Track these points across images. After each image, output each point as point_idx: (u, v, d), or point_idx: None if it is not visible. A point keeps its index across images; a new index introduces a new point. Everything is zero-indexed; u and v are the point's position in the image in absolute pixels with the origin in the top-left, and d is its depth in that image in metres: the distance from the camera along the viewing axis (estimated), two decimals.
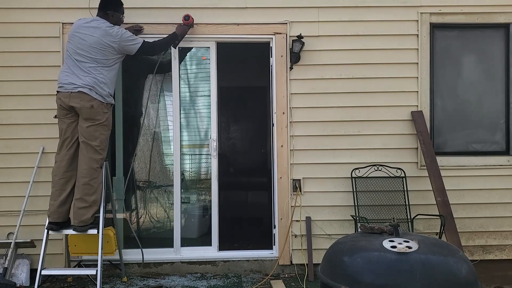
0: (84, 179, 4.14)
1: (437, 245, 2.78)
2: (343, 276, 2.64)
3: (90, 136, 4.16)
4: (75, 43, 4.24)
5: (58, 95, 4.22)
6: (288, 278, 4.86)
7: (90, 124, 4.15)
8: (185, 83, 5.33)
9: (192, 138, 5.52)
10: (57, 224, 4.21)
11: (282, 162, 4.99)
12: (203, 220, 5.46)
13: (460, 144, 5.18)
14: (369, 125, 5.02)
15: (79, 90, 4.13)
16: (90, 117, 4.15)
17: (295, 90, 5.00)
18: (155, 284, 4.66)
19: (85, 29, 4.27)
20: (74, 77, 4.17)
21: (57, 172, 4.22)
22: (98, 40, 4.21)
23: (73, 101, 4.12)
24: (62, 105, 4.18)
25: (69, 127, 4.21)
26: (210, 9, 4.95)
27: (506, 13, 5.09)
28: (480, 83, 5.21)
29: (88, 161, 4.16)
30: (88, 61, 4.20)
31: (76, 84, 4.14)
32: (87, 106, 4.12)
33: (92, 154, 4.17)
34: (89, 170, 4.16)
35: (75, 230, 4.19)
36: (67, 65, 4.27)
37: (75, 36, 4.26)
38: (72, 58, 4.22)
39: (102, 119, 4.20)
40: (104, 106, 4.21)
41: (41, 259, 4.12)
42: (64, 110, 4.20)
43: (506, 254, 5.06)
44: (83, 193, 4.14)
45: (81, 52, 4.20)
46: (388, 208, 4.89)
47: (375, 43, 5.02)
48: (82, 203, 4.14)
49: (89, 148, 4.16)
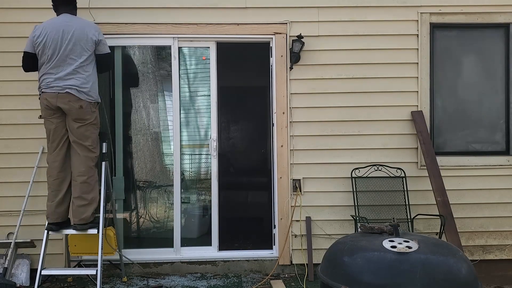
0: (82, 177, 4.14)
1: (437, 245, 2.78)
2: (343, 276, 2.64)
3: (82, 136, 4.16)
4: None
5: (43, 95, 4.19)
6: (288, 278, 4.86)
7: (81, 125, 4.15)
8: (185, 83, 5.33)
9: (192, 138, 5.52)
10: (56, 224, 4.21)
11: (282, 162, 4.99)
12: (203, 220, 5.46)
13: (460, 144, 5.19)
14: (369, 125, 5.02)
15: (66, 91, 4.11)
16: (80, 117, 4.14)
17: (295, 90, 5.00)
18: (155, 284, 4.66)
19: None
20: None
21: (51, 173, 4.21)
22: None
23: (61, 101, 4.11)
24: (49, 105, 4.16)
25: (58, 127, 4.19)
26: (210, 9, 4.95)
27: (506, 13, 5.09)
28: (480, 83, 5.21)
29: (85, 160, 4.17)
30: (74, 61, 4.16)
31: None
32: (76, 107, 4.11)
33: (86, 153, 4.17)
34: (86, 168, 4.16)
35: (76, 229, 4.20)
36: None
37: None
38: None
39: (91, 118, 4.20)
40: (92, 106, 4.21)
41: (41, 259, 4.12)
42: (50, 110, 4.18)
43: (506, 254, 5.06)
44: (82, 192, 4.14)
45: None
46: (388, 208, 4.89)
47: (375, 43, 5.02)
48: (81, 201, 4.14)
49: (82, 147, 4.17)
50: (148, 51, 5.39)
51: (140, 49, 5.35)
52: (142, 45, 5.20)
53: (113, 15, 4.91)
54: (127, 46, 5.23)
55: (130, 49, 5.33)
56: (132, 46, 5.25)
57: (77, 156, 4.17)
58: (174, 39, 4.99)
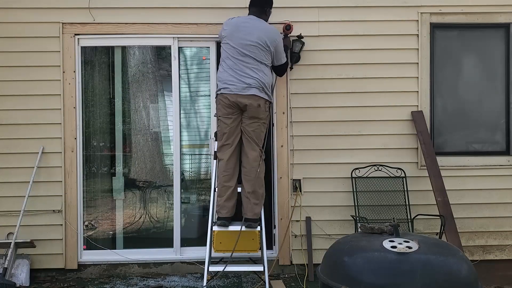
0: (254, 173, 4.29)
1: (437, 245, 2.78)
2: (343, 276, 2.64)
3: (255, 133, 4.30)
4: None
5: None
6: (288, 278, 4.86)
7: (254, 121, 4.27)
8: (185, 83, 5.33)
9: (192, 138, 5.52)
10: (227, 219, 4.30)
11: (282, 162, 4.99)
12: (203, 220, 5.45)
13: (460, 144, 5.18)
14: (369, 125, 5.01)
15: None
16: (256, 115, 4.24)
17: (295, 90, 5.00)
18: (155, 284, 4.66)
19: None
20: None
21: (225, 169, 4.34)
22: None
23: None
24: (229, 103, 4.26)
25: (233, 124, 4.29)
26: (210, 9, 4.95)
27: (506, 13, 5.09)
28: (480, 83, 5.21)
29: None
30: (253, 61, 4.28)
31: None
32: (255, 105, 4.22)
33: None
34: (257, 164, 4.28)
35: (250, 226, 4.26)
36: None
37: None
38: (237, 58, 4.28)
39: (264, 116, 4.31)
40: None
41: (207, 258, 4.25)
42: (231, 109, 4.27)
43: (506, 254, 5.06)
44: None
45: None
46: (388, 208, 4.89)
47: (375, 43, 5.02)
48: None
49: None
50: (148, 51, 5.39)
51: (140, 49, 5.35)
52: (142, 45, 5.20)
53: (113, 15, 4.90)
54: (127, 46, 5.23)
55: (130, 49, 5.34)
56: (132, 46, 5.26)
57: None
58: (174, 39, 4.99)
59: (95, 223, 5.24)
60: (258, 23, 4.37)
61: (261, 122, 4.33)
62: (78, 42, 4.91)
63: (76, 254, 4.85)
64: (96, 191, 5.25)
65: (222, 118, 4.31)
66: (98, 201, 5.29)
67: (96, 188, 5.26)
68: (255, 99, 4.22)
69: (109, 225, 5.31)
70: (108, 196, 5.32)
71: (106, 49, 5.23)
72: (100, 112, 5.23)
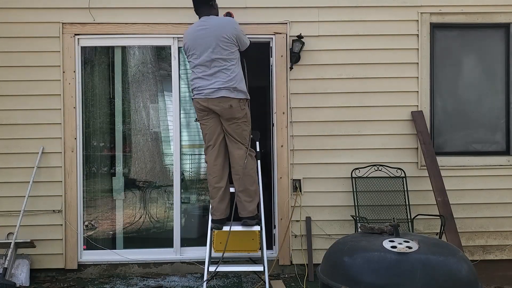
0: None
1: (437, 245, 2.78)
2: (343, 276, 2.64)
3: (236, 133, 4.28)
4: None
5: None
6: (288, 278, 4.86)
7: (233, 122, 4.25)
8: (185, 83, 5.32)
9: (192, 138, 5.51)
10: (221, 221, 4.32)
11: (282, 162, 4.99)
12: (203, 220, 5.45)
13: (460, 144, 5.18)
14: (369, 125, 5.01)
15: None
16: (231, 116, 4.23)
17: (295, 90, 5.00)
18: (155, 284, 4.66)
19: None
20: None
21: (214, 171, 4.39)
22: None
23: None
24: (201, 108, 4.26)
25: (212, 125, 4.29)
26: None
27: (506, 13, 5.09)
28: (480, 83, 5.21)
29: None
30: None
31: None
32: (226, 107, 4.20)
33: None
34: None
35: (245, 224, 4.27)
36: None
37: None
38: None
39: (241, 115, 4.28)
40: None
41: (207, 259, 4.22)
42: (205, 112, 4.27)
43: (506, 254, 5.06)
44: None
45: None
46: (388, 208, 4.89)
47: (375, 43, 5.02)
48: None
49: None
50: (148, 51, 5.38)
51: (140, 49, 5.35)
52: (142, 45, 5.20)
53: (113, 15, 4.90)
54: (127, 46, 5.23)
55: (130, 49, 5.33)
56: (132, 46, 5.25)
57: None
58: (174, 39, 4.99)
59: (95, 223, 5.24)
60: (212, 23, 4.28)
61: (241, 121, 4.29)
62: (78, 42, 4.91)
63: (76, 254, 4.85)
64: (96, 191, 5.25)
65: (201, 121, 4.36)
66: (98, 201, 5.29)
67: (96, 188, 5.26)
68: (226, 100, 4.18)
69: (109, 225, 5.31)
70: (108, 196, 5.32)
71: (106, 49, 5.23)
72: (100, 112, 5.23)
